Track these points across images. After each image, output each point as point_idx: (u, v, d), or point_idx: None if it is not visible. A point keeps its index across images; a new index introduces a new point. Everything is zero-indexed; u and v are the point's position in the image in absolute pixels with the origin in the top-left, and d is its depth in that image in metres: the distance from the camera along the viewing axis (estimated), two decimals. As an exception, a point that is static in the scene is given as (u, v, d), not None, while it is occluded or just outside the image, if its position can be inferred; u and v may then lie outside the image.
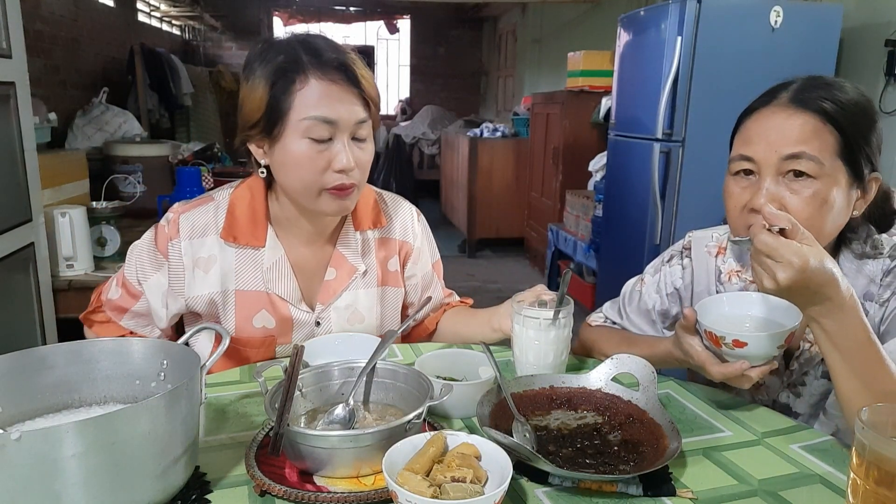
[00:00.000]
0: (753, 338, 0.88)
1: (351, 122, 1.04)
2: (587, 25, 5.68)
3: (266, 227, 1.16)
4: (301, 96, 1.02)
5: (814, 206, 0.92)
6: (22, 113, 1.89)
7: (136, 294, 1.16)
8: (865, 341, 0.83)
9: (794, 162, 0.91)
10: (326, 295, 1.18)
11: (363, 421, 0.88)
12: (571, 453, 0.82)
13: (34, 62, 3.47)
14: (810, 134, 0.92)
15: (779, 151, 0.92)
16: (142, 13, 6.11)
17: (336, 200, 1.07)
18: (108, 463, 0.63)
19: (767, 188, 0.93)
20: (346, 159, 1.03)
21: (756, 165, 0.95)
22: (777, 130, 0.93)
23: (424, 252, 1.31)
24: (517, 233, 5.60)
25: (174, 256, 1.13)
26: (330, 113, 1.02)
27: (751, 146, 0.95)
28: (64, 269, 2.15)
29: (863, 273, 1.00)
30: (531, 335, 1.00)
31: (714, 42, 2.63)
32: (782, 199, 0.93)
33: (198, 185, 2.56)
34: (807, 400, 1.05)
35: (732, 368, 0.90)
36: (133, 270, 1.16)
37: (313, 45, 1.05)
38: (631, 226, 3.07)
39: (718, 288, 1.13)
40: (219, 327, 0.86)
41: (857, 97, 0.95)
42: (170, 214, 1.15)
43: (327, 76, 1.02)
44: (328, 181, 1.05)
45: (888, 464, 0.63)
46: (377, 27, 9.59)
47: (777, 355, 0.91)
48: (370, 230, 1.23)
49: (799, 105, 0.93)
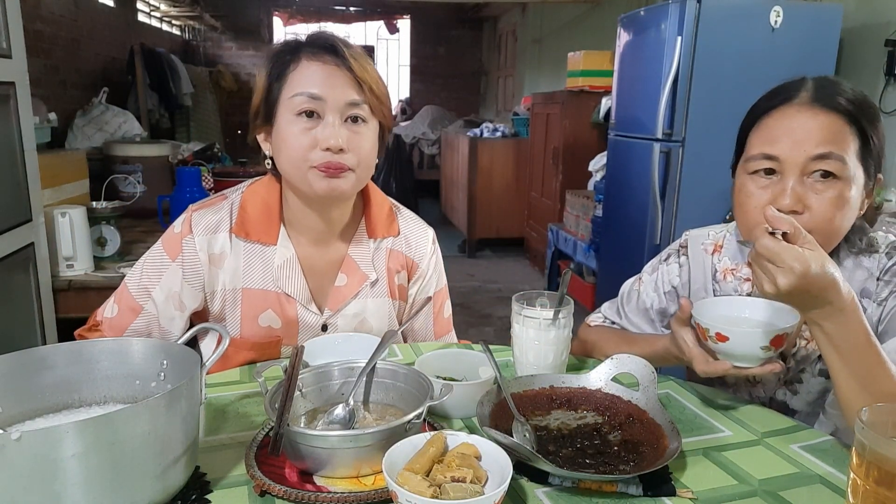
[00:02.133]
0: (735, 332, 0.89)
1: (340, 102, 1.04)
2: (587, 25, 5.69)
3: (279, 224, 1.16)
4: (292, 77, 1.05)
5: (837, 206, 0.91)
6: (22, 113, 1.89)
7: (136, 309, 1.14)
8: (865, 343, 0.83)
9: (822, 162, 0.90)
10: (336, 301, 1.18)
11: (363, 421, 0.88)
12: (571, 453, 0.82)
13: (34, 62, 3.47)
14: (837, 134, 0.91)
15: (807, 151, 0.91)
16: (142, 13, 6.11)
17: (324, 179, 1.05)
18: (108, 463, 0.63)
19: (793, 188, 0.92)
20: (334, 138, 1.03)
21: (780, 164, 0.94)
22: (803, 129, 0.92)
23: (430, 277, 1.29)
24: (517, 233, 5.60)
25: (189, 252, 1.12)
26: (316, 89, 1.03)
27: (775, 145, 0.94)
28: (64, 269, 2.15)
29: (860, 270, 1.00)
30: (531, 335, 1.00)
31: (714, 42, 2.63)
32: (806, 199, 0.92)
33: (198, 185, 2.56)
34: (804, 397, 1.05)
35: (716, 367, 0.90)
36: (137, 282, 1.14)
37: (313, 35, 1.08)
38: (631, 226, 3.07)
39: (714, 286, 1.13)
40: (219, 327, 0.86)
41: (865, 98, 0.95)
42: (183, 215, 1.15)
43: (318, 57, 1.05)
44: (315, 158, 1.04)
45: (888, 464, 0.63)
46: (377, 27, 9.59)
47: (769, 357, 0.90)
48: (383, 239, 1.23)
49: (823, 104, 0.92)
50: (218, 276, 1.14)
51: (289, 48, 1.07)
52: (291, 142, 1.05)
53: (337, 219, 1.18)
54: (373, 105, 1.07)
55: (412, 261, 1.26)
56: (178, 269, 1.13)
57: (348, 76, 1.05)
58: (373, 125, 1.09)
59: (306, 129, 1.04)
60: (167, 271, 1.13)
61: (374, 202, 1.23)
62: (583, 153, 4.30)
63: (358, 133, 1.07)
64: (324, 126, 1.04)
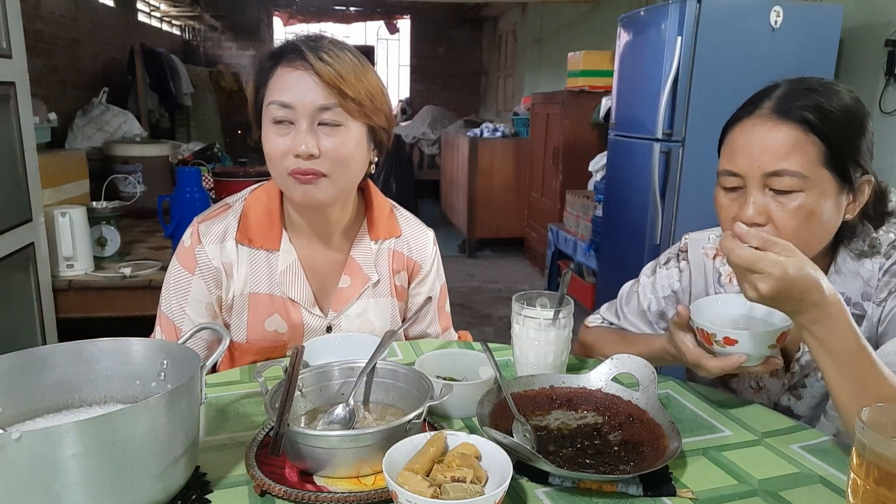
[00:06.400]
0: (744, 335, 0.89)
1: (310, 108, 1.04)
2: (587, 25, 5.68)
3: (281, 230, 1.17)
4: (271, 84, 1.07)
5: (800, 217, 0.91)
6: (22, 113, 1.89)
7: (178, 329, 1.15)
8: (856, 346, 0.83)
9: (776, 179, 0.91)
10: (339, 302, 1.19)
11: (363, 421, 0.88)
12: (571, 453, 0.82)
13: (34, 62, 3.47)
14: (791, 148, 0.91)
15: (761, 167, 0.92)
16: (142, 13, 6.11)
17: (299, 186, 1.06)
18: (108, 463, 0.63)
19: (755, 201, 0.93)
20: (304, 145, 1.03)
21: (741, 179, 0.95)
22: (759, 145, 0.93)
23: (433, 278, 1.31)
24: (517, 233, 5.60)
25: (204, 261, 1.13)
26: (287, 97, 1.04)
27: (735, 161, 0.95)
28: (64, 269, 2.15)
29: (861, 272, 1.00)
30: (531, 335, 1.00)
31: (714, 42, 2.63)
32: (769, 211, 0.93)
33: (198, 185, 2.56)
34: (807, 402, 1.05)
35: (729, 361, 0.90)
36: (168, 304, 1.15)
37: (290, 41, 1.08)
38: (631, 226, 3.07)
39: (718, 290, 1.13)
40: (218, 326, 0.86)
41: (846, 101, 0.93)
42: (189, 228, 1.16)
43: (291, 64, 1.05)
44: (289, 164, 1.05)
45: (888, 464, 0.63)
46: (377, 27, 9.59)
47: (773, 354, 0.91)
48: (385, 240, 1.24)
49: (781, 116, 0.92)
50: (230, 284, 1.15)
51: (271, 55, 1.08)
52: (269, 149, 1.07)
53: (335, 220, 1.18)
54: (348, 108, 1.05)
55: (414, 262, 1.27)
56: (199, 281, 1.14)
57: (317, 81, 1.03)
58: (354, 127, 1.07)
59: (280, 135, 1.05)
60: (191, 285, 1.14)
61: (376, 204, 1.23)
62: (583, 153, 4.29)
63: (331, 136, 1.05)
64: (295, 133, 1.04)
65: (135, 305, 2.17)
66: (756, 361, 0.91)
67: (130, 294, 2.17)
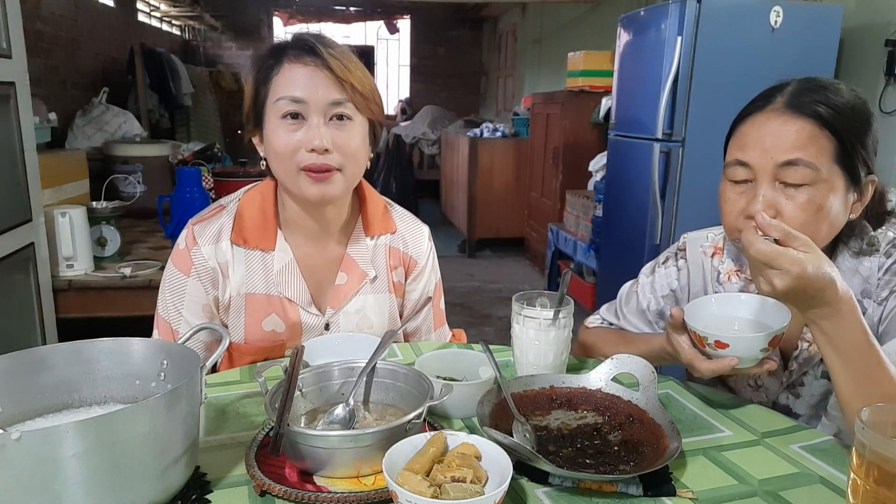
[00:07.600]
0: (735, 339, 0.89)
1: (323, 102, 1.05)
2: (587, 25, 5.68)
3: (276, 230, 1.17)
4: (276, 81, 1.06)
5: (809, 212, 0.91)
6: (22, 113, 1.89)
7: (175, 332, 1.15)
8: (864, 343, 0.83)
9: (790, 168, 0.91)
10: (337, 300, 1.19)
11: (363, 421, 0.88)
12: (571, 453, 0.82)
13: (34, 62, 3.47)
14: (806, 140, 0.91)
15: (775, 158, 0.92)
16: (142, 13, 6.11)
17: (314, 185, 1.07)
18: (108, 463, 0.63)
19: (764, 195, 0.93)
20: (319, 139, 1.04)
21: (752, 172, 0.94)
22: (773, 136, 0.93)
23: (429, 274, 1.31)
24: (517, 233, 5.60)
25: (200, 262, 1.14)
26: (298, 91, 1.04)
27: (746, 152, 0.95)
28: (64, 269, 2.15)
29: (860, 270, 1.00)
30: (531, 335, 1.00)
31: (714, 42, 2.63)
32: (778, 205, 0.92)
33: (198, 185, 2.56)
34: (807, 401, 1.05)
35: (721, 364, 0.90)
36: (164, 308, 1.16)
37: (295, 37, 1.09)
38: (631, 226, 3.07)
39: (717, 288, 1.13)
40: (217, 326, 0.86)
41: (853, 100, 0.94)
42: (184, 230, 1.16)
43: (299, 59, 1.06)
44: (301, 160, 1.05)
45: (888, 464, 0.63)
46: (377, 27, 9.59)
47: (767, 356, 0.91)
48: (380, 236, 1.24)
49: (795, 110, 0.93)
50: (227, 284, 1.15)
51: (272, 52, 1.08)
52: (278, 145, 1.06)
53: (333, 218, 1.18)
54: (357, 103, 1.07)
55: (410, 258, 1.27)
56: (195, 282, 1.14)
57: (329, 76, 1.05)
58: (360, 122, 1.09)
59: (291, 131, 1.05)
60: (187, 287, 1.14)
61: (370, 200, 1.24)
62: (583, 153, 4.29)
63: (343, 130, 1.07)
64: (308, 128, 1.05)
65: (135, 305, 2.16)
66: (749, 364, 0.91)
67: (130, 294, 2.17)
